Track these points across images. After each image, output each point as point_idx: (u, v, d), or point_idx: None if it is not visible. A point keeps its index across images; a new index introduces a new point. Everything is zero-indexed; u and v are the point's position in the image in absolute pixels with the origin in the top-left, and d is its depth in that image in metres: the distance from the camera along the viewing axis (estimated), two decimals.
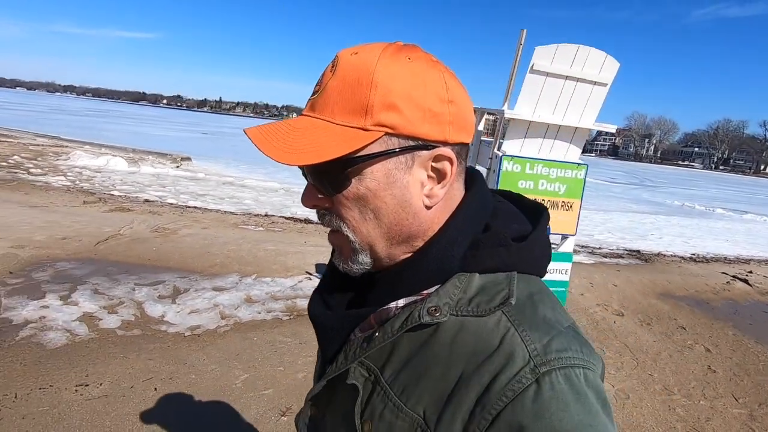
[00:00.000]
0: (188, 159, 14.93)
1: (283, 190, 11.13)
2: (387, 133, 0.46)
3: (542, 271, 0.53)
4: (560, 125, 2.41)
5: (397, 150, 0.47)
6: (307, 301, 0.61)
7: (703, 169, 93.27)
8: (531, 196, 2.06)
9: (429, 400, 0.45)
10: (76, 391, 2.37)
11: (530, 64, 2.22)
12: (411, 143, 0.47)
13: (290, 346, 3.09)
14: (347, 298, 0.57)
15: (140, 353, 2.80)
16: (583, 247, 7.13)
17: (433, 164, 0.48)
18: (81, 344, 2.84)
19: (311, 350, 3.01)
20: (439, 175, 0.49)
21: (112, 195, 7.95)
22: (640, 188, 24.68)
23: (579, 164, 2.51)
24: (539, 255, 0.52)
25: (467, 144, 0.51)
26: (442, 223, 0.51)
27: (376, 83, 0.45)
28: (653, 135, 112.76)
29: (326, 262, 0.55)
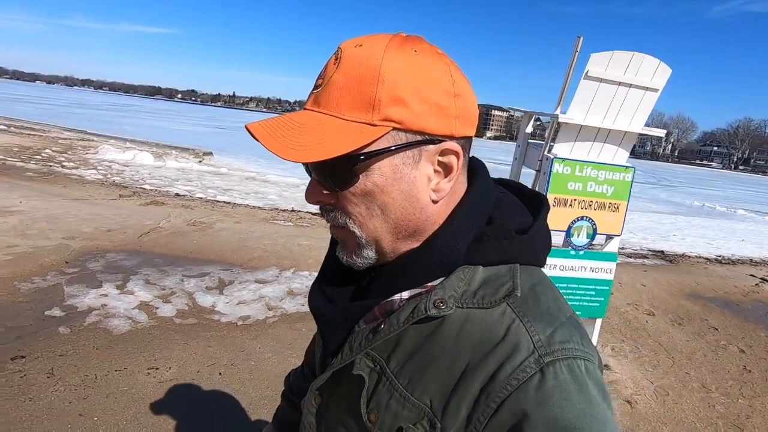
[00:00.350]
0: (210, 154, 15.20)
1: (304, 186, 11.13)
2: (394, 128, 0.45)
3: (543, 262, 0.53)
4: (610, 129, 2.49)
5: (405, 145, 0.46)
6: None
7: (722, 168, 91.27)
8: (580, 198, 2.16)
9: (435, 389, 0.46)
10: (148, 374, 2.54)
11: (585, 71, 2.30)
12: (418, 138, 0.46)
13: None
14: (348, 291, 0.57)
15: (200, 340, 2.96)
16: None
17: (440, 158, 0.48)
18: (144, 331, 3.01)
19: None
20: (446, 170, 0.49)
21: (144, 189, 8.19)
22: (658, 188, 24.35)
23: (627, 167, 2.58)
24: (540, 247, 0.53)
25: (471, 137, 0.51)
26: (447, 216, 0.51)
27: (383, 77, 0.44)
28: (671, 134, 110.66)
29: None
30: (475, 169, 0.55)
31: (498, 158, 37.86)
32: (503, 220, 0.51)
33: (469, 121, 0.49)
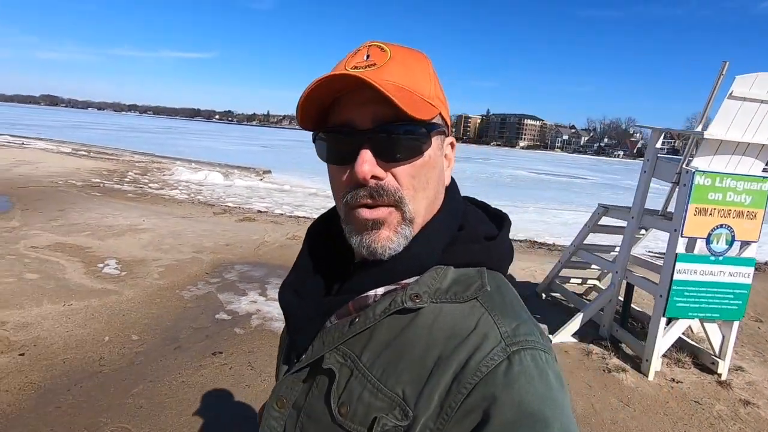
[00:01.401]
0: (269, 172, 16.01)
1: None
2: (440, 113, 0.53)
3: (505, 270, 0.57)
4: (749, 143, 2.68)
5: (443, 128, 0.54)
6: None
7: None
8: (719, 207, 2.39)
9: (408, 379, 0.47)
10: None
11: (729, 91, 2.51)
12: (443, 127, 0.54)
13: None
14: (320, 288, 0.57)
15: None
16: None
17: (448, 149, 0.57)
18: None
19: None
20: (448, 160, 0.57)
21: (228, 206, 8.83)
22: None
23: (764, 177, 2.76)
24: (505, 254, 0.57)
25: None
26: (436, 210, 0.55)
27: (431, 74, 0.53)
28: None
29: None
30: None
31: (537, 167, 37.51)
32: (472, 228, 0.56)
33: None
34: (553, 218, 11.64)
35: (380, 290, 0.52)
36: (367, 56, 0.51)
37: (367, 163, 0.48)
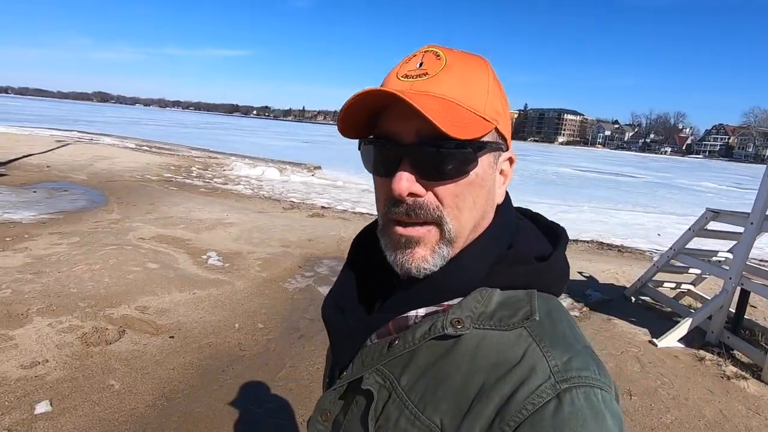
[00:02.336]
0: (319, 168, 16.41)
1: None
2: (495, 128, 0.50)
3: (559, 292, 0.53)
4: None
5: (498, 145, 0.50)
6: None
7: None
8: None
9: (447, 408, 0.45)
10: None
11: None
12: (501, 142, 0.51)
13: (594, 340, 3.56)
14: (361, 303, 0.56)
15: None
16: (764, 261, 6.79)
17: (504, 164, 0.54)
18: None
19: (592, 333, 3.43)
20: (504, 176, 0.54)
21: (293, 202, 9.17)
22: None
23: None
24: (558, 276, 0.53)
25: None
26: (484, 229, 0.52)
27: (490, 85, 0.50)
28: None
29: None
30: None
31: (580, 164, 36.26)
32: (522, 246, 0.53)
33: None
34: (610, 218, 11.31)
35: (421, 311, 0.51)
36: (421, 63, 0.48)
37: (405, 179, 0.47)
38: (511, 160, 0.55)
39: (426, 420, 0.46)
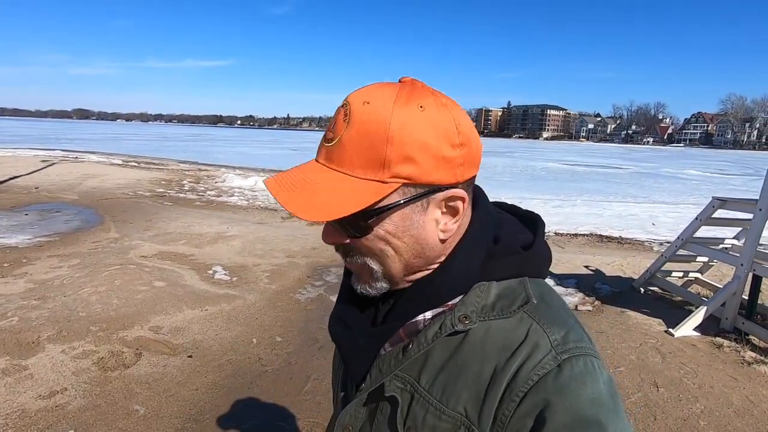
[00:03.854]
0: None
1: None
2: (404, 184, 0.48)
3: (545, 274, 0.58)
4: None
5: (414, 197, 0.50)
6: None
7: None
8: None
9: (468, 397, 0.49)
10: None
11: None
12: (425, 189, 0.50)
13: (611, 333, 3.57)
14: (367, 317, 0.59)
15: None
16: None
17: (447, 204, 0.52)
18: None
19: (623, 334, 3.44)
20: (453, 212, 0.52)
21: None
22: (758, 179, 22.40)
23: None
24: (543, 260, 0.57)
25: (475, 175, 0.54)
26: (456, 244, 0.54)
27: (392, 138, 0.46)
28: (755, 119, 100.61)
29: None
30: (475, 193, 0.58)
31: (566, 159, 36.69)
32: (508, 238, 0.56)
33: (473, 164, 0.52)
34: (604, 210, 11.44)
35: (428, 314, 0.54)
36: (335, 123, 0.50)
37: (327, 233, 0.53)
38: (462, 199, 0.52)
39: (451, 412, 0.49)
